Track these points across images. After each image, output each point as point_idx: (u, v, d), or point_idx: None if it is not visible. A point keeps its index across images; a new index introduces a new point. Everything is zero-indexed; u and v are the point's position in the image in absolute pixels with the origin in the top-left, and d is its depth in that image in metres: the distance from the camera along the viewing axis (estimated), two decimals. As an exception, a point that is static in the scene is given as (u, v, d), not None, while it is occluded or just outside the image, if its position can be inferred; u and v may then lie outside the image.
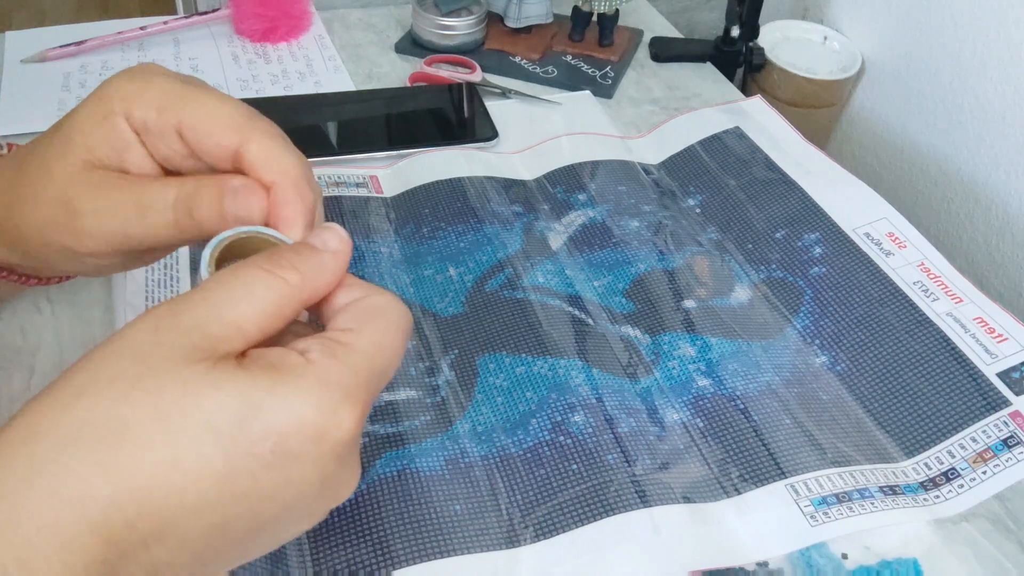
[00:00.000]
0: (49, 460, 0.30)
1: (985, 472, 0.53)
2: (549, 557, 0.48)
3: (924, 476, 0.53)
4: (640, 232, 0.68)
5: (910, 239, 0.67)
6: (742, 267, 0.66)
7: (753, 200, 0.71)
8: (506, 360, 0.58)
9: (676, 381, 0.58)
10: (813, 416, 0.56)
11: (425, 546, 0.47)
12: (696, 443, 0.54)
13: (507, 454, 0.52)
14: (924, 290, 0.63)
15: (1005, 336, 0.60)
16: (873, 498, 0.51)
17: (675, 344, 0.60)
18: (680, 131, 0.80)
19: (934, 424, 0.56)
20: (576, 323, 0.61)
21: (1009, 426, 0.55)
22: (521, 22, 0.91)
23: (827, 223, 0.68)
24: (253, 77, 0.84)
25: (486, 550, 0.48)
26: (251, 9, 0.89)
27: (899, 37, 0.95)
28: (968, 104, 0.88)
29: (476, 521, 0.49)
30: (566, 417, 0.54)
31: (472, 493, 0.50)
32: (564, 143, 0.77)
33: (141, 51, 0.86)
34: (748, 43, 0.94)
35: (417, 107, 0.82)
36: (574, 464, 0.52)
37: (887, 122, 0.98)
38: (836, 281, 0.64)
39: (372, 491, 0.49)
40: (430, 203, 0.69)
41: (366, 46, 0.92)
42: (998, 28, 0.83)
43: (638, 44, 0.95)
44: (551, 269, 0.65)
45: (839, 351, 0.60)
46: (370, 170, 0.73)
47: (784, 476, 0.52)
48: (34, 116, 0.76)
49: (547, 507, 0.50)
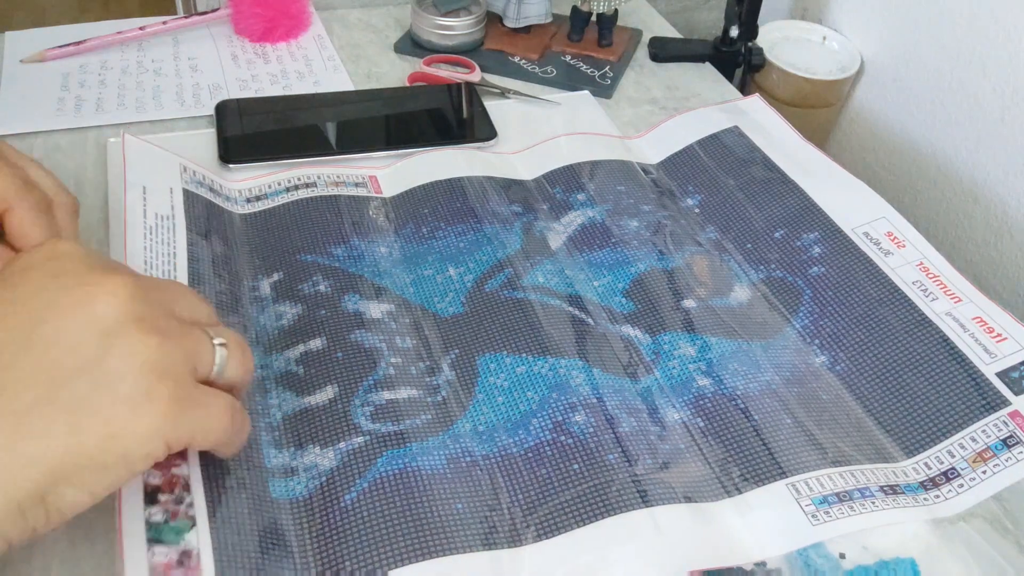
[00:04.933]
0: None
1: (985, 472, 0.53)
2: (551, 557, 0.47)
3: (924, 476, 0.53)
4: (639, 232, 0.68)
5: (909, 238, 0.67)
6: (741, 267, 0.66)
7: (752, 200, 0.71)
8: (506, 360, 0.58)
9: (676, 381, 0.58)
10: (813, 415, 0.56)
11: (427, 544, 0.47)
12: (697, 442, 0.54)
13: (508, 454, 0.52)
14: (923, 290, 0.63)
15: (1004, 336, 0.60)
16: (874, 497, 0.51)
17: (675, 344, 0.60)
18: (679, 131, 0.80)
19: (934, 424, 0.56)
20: (576, 323, 0.61)
21: (1008, 426, 0.55)
22: (520, 22, 0.91)
23: (826, 222, 0.69)
24: (252, 77, 0.84)
25: (488, 549, 0.48)
26: (250, 9, 0.89)
27: (898, 37, 0.95)
28: (967, 104, 0.88)
29: (478, 520, 0.49)
30: (567, 417, 0.54)
31: (474, 492, 0.50)
32: (563, 143, 0.77)
33: (140, 51, 0.86)
34: (747, 43, 0.94)
35: (416, 107, 0.82)
36: (575, 464, 0.52)
37: (886, 122, 0.98)
38: (835, 281, 0.64)
39: (373, 489, 0.49)
40: (430, 203, 0.69)
41: (365, 46, 0.92)
42: (997, 28, 0.83)
43: (637, 44, 0.95)
44: (551, 269, 0.65)
45: (838, 351, 0.60)
46: (369, 170, 0.73)
47: (785, 475, 0.52)
48: (34, 116, 0.76)
49: (548, 506, 0.50)
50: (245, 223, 0.66)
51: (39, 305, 0.40)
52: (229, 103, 0.79)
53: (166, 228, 0.61)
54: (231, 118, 0.77)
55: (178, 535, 0.44)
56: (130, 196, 0.62)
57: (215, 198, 0.67)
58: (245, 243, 0.64)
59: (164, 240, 0.60)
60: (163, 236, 0.61)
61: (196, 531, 0.44)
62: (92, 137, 0.75)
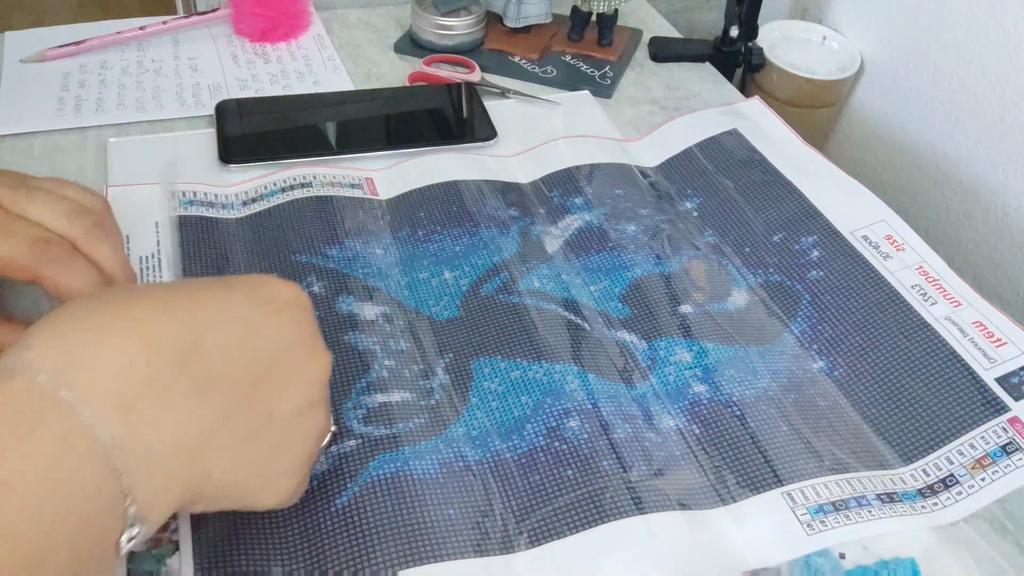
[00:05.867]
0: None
1: (984, 479, 0.53)
2: (544, 563, 0.47)
3: (922, 483, 0.53)
4: (637, 236, 0.68)
5: (908, 242, 0.67)
6: (739, 271, 0.66)
7: (751, 203, 0.71)
8: (501, 364, 0.58)
9: (672, 387, 0.58)
10: (810, 423, 0.56)
11: (419, 549, 0.47)
12: (692, 449, 0.54)
13: (502, 459, 0.52)
14: (922, 294, 0.63)
15: (1004, 340, 0.60)
16: (870, 506, 0.51)
17: (671, 349, 0.60)
18: (677, 134, 0.79)
19: (932, 430, 0.55)
20: (572, 328, 0.61)
21: (1008, 432, 0.55)
22: (520, 22, 0.91)
23: (825, 226, 0.68)
24: (252, 77, 0.84)
25: (480, 555, 0.47)
26: (250, 9, 0.89)
27: (898, 37, 0.94)
28: (967, 104, 0.88)
29: (470, 526, 0.49)
30: (561, 422, 0.54)
31: (466, 497, 0.50)
32: (562, 146, 0.77)
33: (140, 51, 0.86)
34: (747, 43, 0.94)
35: (416, 107, 0.82)
36: (569, 470, 0.52)
37: (886, 122, 0.98)
38: (834, 285, 0.64)
39: (365, 493, 0.49)
40: (426, 206, 0.69)
41: (365, 46, 0.92)
42: (997, 28, 0.83)
43: (637, 44, 0.95)
44: (547, 273, 0.65)
45: (837, 356, 0.60)
46: (365, 172, 0.73)
47: (781, 483, 0.52)
48: (34, 116, 0.76)
49: (542, 513, 0.50)
50: (241, 227, 0.66)
51: (281, 344, 0.42)
52: (229, 103, 0.79)
53: (151, 267, 0.62)
54: (231, 118, 0.77)
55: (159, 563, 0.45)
56: None
57: (208, 211, 0.67)
58: (241, 248, 0.64)
59: (149, 279, 0.61)
60: (149, 278, 0.61)
61: (179, 556, 0.45)
62: (92, 137, 0.75)
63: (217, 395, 0.39)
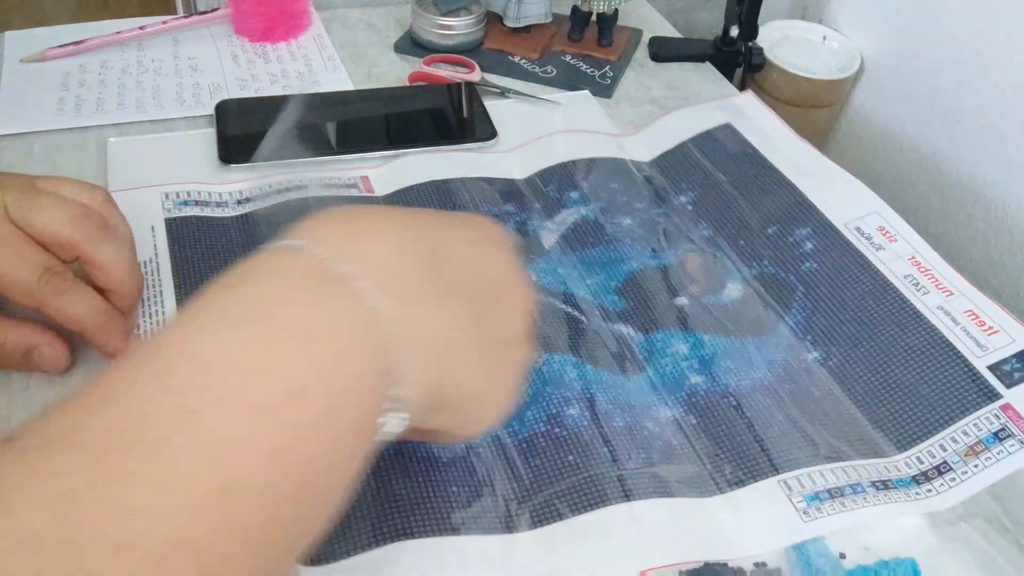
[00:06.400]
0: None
1: (977, 465, 0.53)
2: (545, 545, 0.48)
3: (916, 470, 0.53)
4: (633, 230, 0.69)
5: (901, 233, 0.67)
6: (734, 263, 0.66)
7: (745, 196, 0.71)
8: None
9: (669, 378, 0.58)
10: (806, 412, 0.56)
11: (421, 523, 0.47)
12: (689, 439, 0.54)
13: (502, 443, 0.53)
14: (915, 284, 0.63)
15: (996, 328, 0.60)
16: (865, 493, 0.51)
17: (668, 341, 0.60)
18: (672, 128, 0.80)
19: (926, 418, 0.56)
20: (569, 320, 0.61)
21: (1000, 419, 0.55)
22: (520, 22, 0.91)
23: (818, 218, 0.69)
24: (252, 76, 0.85)
25: (483, 533, 0.48)
26: (250, 8, 0.89)
27: (898, 37, 0.95)
28: (967, 104, 0.88)
29: (472, 504, 0.49)
30: (561, 410, 0.55)
31: (468, 479, 0.50)
32: (558, 140, 0.77)
33: (140, 51, 0.87)
34: (747, 43, 0.94)
35: (416, 107, 0.83)
36: (570, 456, 0.52)
37: (886, 122, 0.98)
38: (827, 276, 0.64)
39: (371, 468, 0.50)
40: (421, 203, 0.69)
41: (365, 46, 0.92)
42: (997, 28, 0.83)
43: (637, 44, 0.96)
44: (544, 267, 0.65)
45: (831, 347, 0.60)
46: (360, 170, 0.73)
47: (777, 472, 0.52)
48: (33, 116, 0.77)
49: (542, 496, 0.50)
50: (237, 226, 0.66)
51: (503, 271, 0.45)
52: (229, 103, 0.79)
53: (150, 272, 0.62)
54: (231, 118, 0.77)
55: None
56: None
57: (203, 210, 0.67)
58: (239, 246, 0.64)
59: (149, 283, 0.61)
60: (149, 282, 0.61)
61: None
62: (92, 137, 0.75)
63: (466, 301, 0.41)
